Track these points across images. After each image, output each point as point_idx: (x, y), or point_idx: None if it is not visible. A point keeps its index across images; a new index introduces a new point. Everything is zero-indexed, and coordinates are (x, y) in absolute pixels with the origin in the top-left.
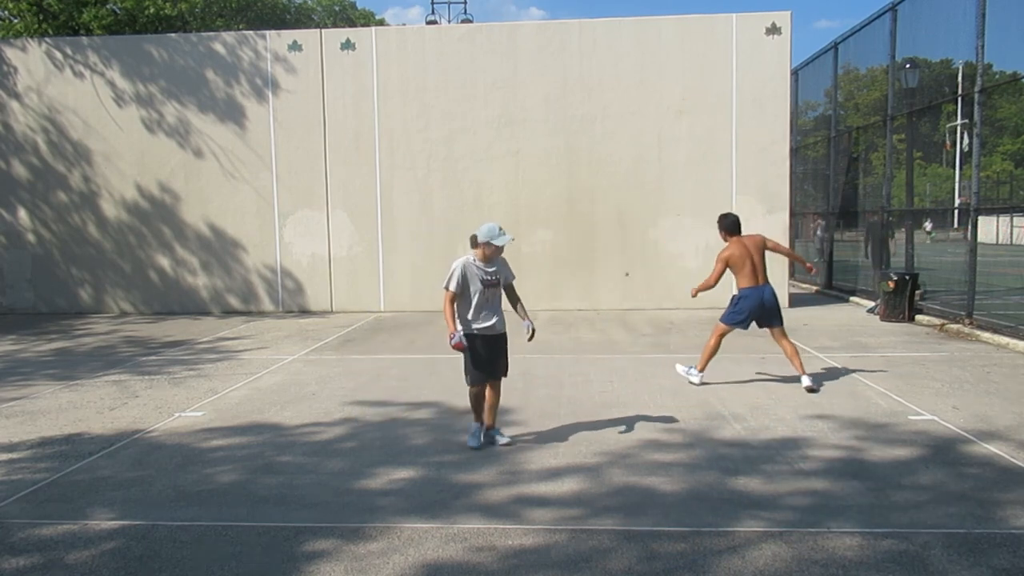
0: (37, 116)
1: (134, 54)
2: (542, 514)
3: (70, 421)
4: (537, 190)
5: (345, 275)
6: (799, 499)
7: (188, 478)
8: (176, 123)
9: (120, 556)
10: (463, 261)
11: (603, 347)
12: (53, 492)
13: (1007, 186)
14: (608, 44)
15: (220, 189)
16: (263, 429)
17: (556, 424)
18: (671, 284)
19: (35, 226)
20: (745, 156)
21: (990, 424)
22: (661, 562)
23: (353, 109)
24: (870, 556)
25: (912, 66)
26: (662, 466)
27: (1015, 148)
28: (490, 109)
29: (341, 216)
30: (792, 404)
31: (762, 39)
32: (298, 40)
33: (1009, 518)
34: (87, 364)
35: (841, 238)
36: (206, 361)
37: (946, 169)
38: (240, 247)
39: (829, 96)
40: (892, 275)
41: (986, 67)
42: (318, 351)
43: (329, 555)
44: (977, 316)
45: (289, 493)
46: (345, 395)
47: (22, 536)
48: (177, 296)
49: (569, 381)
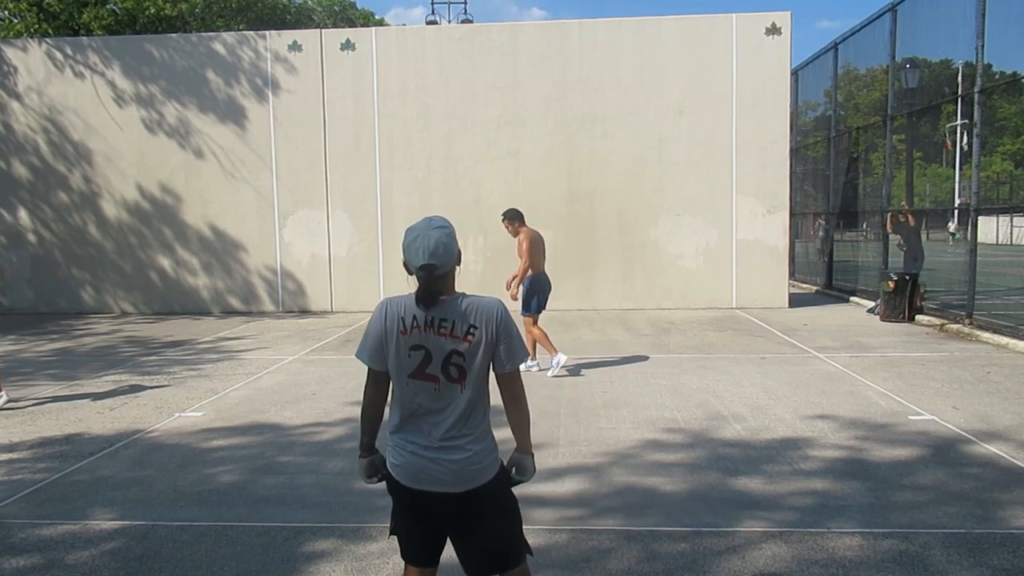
0: (38, 116)
1: (135, 54)
2: (542, 514)
3: (70, 421)
4: (537, 190)
5: (345, 275)
6: (799, 499)
7: (188, 478)
8: (176, 123)
9: (120, 556)
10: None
11: (603, 347)
12: (53, 492)
13: (1007, 186)
14: (608, 44)
15: (220, 189)
16: (263, 429)
17: (556, 424)
18: (671, 284)
19: (36, 226)
20: (745, 156)
21: (990, 424)
22: (662, 562)
23: (353, 109)
24: (870, 556)
25: (912, 66)
26: (662, 466)
27: (1015, 148)
28: (490, 109)
29: (341, 216)
30: (792, 404)
31: (762, 39)
32: (298, 40)
33: (1009, 518)
34: (88, 364)
35: (841, 238)
36: (206, 361)
37: (946, 169)
38: (240, 247)
39: (829, 96)
40: (892, 275)
41: (986, 67)
42: (318, 351)
43: (329, 555)
44: (977, 316)
45: (289, 493)
46: (345, 395)
47: (22, 536)
48: (177, 296)
49: (569, 381)
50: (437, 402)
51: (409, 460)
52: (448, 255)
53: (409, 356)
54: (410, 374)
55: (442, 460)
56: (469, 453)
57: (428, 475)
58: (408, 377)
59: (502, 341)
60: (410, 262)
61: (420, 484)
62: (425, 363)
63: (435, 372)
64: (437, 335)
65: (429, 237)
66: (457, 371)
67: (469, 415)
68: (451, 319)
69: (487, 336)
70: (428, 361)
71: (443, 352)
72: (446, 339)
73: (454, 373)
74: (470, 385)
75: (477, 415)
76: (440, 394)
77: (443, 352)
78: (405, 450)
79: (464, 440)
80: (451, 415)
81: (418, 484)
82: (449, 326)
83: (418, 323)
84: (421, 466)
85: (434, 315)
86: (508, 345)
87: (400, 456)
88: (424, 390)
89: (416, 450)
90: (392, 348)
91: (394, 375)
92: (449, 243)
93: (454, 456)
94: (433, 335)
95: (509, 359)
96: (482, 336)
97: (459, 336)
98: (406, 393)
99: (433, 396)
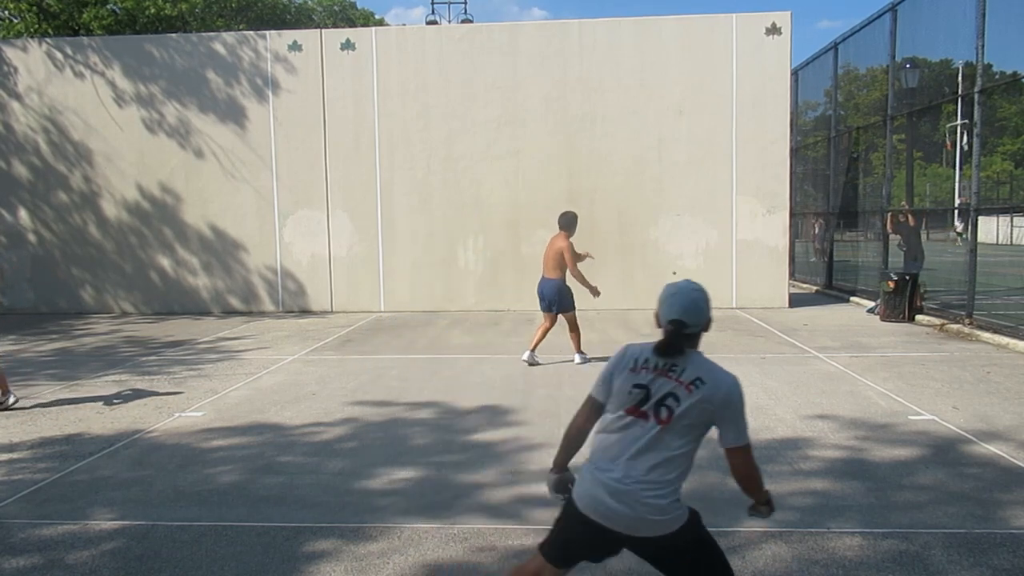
0: (38, 116)
1: (135, 54)
2: (543, 514)
3: (70, 421)
4: (537, 190)
5: (345, 275)
6: (799, 499)
7: (188, 478)
8: (177, 123)
9: (120, 556)
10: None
11: (604, 347)
12: (53, 492)
13: (1007, 186)
14: (608, 44)
15: (220, 189)
16: (263, 429)
17: (556, 424)
18: None
19: (36, 226)
20: (745, 156)
21: (990, 424)
22: None
23: (353, 109)
24: (871, 556)
25: (912, 66)
26: None
27: (1015, 148)
28: (490, 109)
29: (341, 216)
30: (792, 404)
31: (762, 39)
32: (298, 40)
33: (1009, 518)
34: (88, 364)
35: (841, 238)
36: (206, 361)
37: (946, 169)
38: (240, 247)
39: (829, 96)
40: (892, 275)
41: (986, 67)
42: (318, 351)
43: (329, 555)
44: (977, 316)
45: (289, 493)
46: (345, 395)
47: (22, 536)
48: (178, 296)
49: (569, 381)
50: (640, 440)
51: (591, 486)
52: (699, 316)
53: (630, 393)
54: (626, 409)
55: (623, 495)
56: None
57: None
58: (624, 411)
59: (727, 411)
60: (662, 314)
61: (597, 508)
62: (643, 401)
63: (647, 409)
64: (664, 376)
65: (688, 296)
66: (666, 412)
67: (664, 461)
68: (682, 366)
69: (710, 397)
70: (646, 400)
71: (661, 392)
72: (670, 381)
73: (663, 414)
74: (673, 430)
75: (671, 465)
76: (644, 431)
77: (661, 392)
78: (595, 478)
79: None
80: (649, 454)
81: (595, 507)
82: (678, 372)
83: (649, 365)
84: (598, 491)
85: (669, 362)
86: (733, 419)
87: (587, 482)
88: (633, 425)
89: (606, 480)
90: (617, 381)
91: (610, 406)
92: (704, 307)
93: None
94: (660, 376)
95: (734, 434)
96: (704, 394)
97: (683, 382)
98: (614, 424)
99: (638, 433)
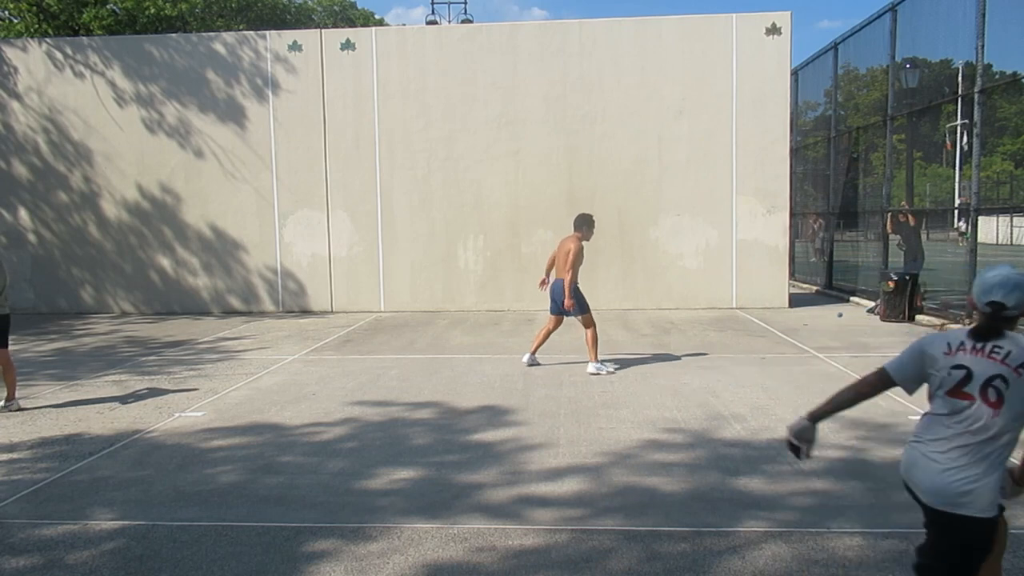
0: (38, 116)
1: (135, 54)
2: (543, 514)
3: (70, 421)
4: (537, 190)
5: (345, 275)
6: (800, 499)
7: (188, 478)
8: (176, 123)
9: (120, 556)
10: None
11: (603, 347)
12: (53, 492)
13: (1007, 186)
14: (608, 44)
15: (220, 189)
16: (263, 429)
17: (556, 424)
18: (671, 284)
19: (36, 226)
20: (745, 156)
21: None
22: (662, 562)
23: (353, 109)
24: (871, 556)
25: (912, 66)
26: (663, 466)
27: (1015, 148)
28: (490, 109)
29: (341, 216)
30: (793, 404)
31: (762, 39)
32: (298, 40)
33: (1009, 518)
34: (88, 364)
35: (841, 238)
36: (206, 361)
37: (946, 169)
38: (240, 247)
39: (829, 96)
40: (892, 275)
41: (986, 67)
42: (318, 351)
43: (329, 555)
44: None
45: (289, 493)
46: (345, 395)
47: (22, 536)
48: (178, 296)
49: (569, 381)
50: (964, 422)
51: (913, 457)
52: (1020, 298)
53: (949, 374)
54: (948, 391)
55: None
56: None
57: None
58: (945, 394)
59: None
60: (978, 297)
61: (910, 476)
62: (964, 382)
63: (972, 391)
64: (987, 358)
65: (1010, 278)
66: (995, 395)
67: (992, 443)
68: (1008, 348)
69: None
70: (968, 380)
71: (986, 374)
72: (995, 363)
73: (991, 396)
74: (1003, 415)
75: (998, 447)
76: (971, 414)
77: (986, 374)
78: (918, 450)
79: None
80: (976, 436)
81: (908, 476)
82: (1003, 353)
83: (965, 347)
84: (916, 461)
85: (990, 342)
86: None
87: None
88: (957, 407)
89: (927, 452)
90: (934, 368)
91: (931, 389)
92: None
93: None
94: (982, 357)
95: None
96: None
97: (1011, 365)
98: (939, 407)
99: (963, 415)
